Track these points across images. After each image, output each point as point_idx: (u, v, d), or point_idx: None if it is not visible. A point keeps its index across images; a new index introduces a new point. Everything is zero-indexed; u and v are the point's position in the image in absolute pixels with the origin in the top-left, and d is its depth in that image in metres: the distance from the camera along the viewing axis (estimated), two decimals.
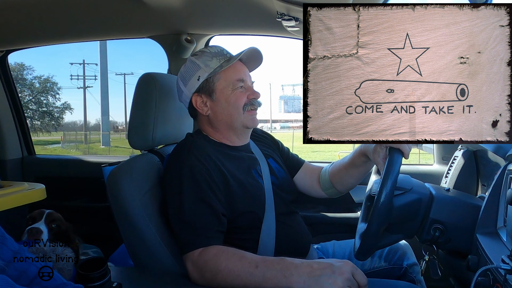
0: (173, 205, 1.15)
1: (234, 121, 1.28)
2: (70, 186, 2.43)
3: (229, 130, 1.30)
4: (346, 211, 1.96)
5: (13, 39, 2.19)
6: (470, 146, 1.48)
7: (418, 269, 1.39)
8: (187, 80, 1.29)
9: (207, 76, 1.26)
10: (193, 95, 1.29)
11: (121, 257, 1.85)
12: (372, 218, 1.03)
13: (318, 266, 0.97)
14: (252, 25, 1.85)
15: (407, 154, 1.09)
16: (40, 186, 1.86)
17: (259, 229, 1.21)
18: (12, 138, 2.50)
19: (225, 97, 1.26)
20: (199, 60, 1.27)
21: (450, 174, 1.52)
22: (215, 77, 1.27)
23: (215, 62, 1.27)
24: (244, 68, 1.31)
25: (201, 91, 1.28)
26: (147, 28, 1.98)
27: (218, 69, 1.26)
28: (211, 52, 1.29)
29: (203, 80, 1.26)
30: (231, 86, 1.26)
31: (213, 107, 1.28)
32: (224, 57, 1.29)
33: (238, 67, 1.29)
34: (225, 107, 1.27)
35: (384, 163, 1.08)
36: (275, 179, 1.33)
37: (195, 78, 1.27)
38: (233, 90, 1.26)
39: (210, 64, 1.26)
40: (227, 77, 1.27)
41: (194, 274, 1.07)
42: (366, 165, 1.32)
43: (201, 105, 1.29)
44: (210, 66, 1.26)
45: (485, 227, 1.06)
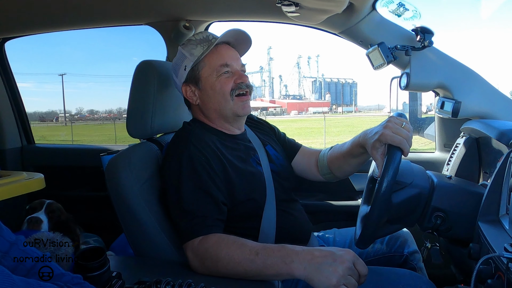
0: (172, 194, 1.15)
1: (223, 109, 1.26)
2: (69, 175, 2.43)
3: (220, 118, 1.29)
4: (347, 199, 1.96)
5: (10, 27, 2.16)
6: (472, 133, 1.47)
7: (419, 257, 1.39)
8: (176, 71, 1.29)
9: (192, 65, 1.25)
10: (182, 85, 1.28)
11: (122, 246, 1.86)
12: (373, 208, 1.02)
13: (320, 253, 0.97)
14: (252, 10, 1.82)
15: (406, 152, 1.06)
16: (39, 175, 1.86)
17: (259, 217, 1.21)
18: (11, 127, 2.50)
19: (210, 84, 1.25)
20: (185, 50, 1.27)
21: (452, 161, 1.52)
22: (199, 64, 1.25)
23: (199, 50, 1.25)
24: (230, 51, 1.28)
25: (189, 81, 1.27)
26: (145, 15, 1.95)
27: (201, 56, 1.24)
28: (196, 39, 1.27)
29: (189, 70, 1.25)
30: (215, 73, 1.24)
31: (201, 96, 1.27)
32: (209, 42, 1.26)
33: (222, 51, 1.26)
34: (211, 95, 1.26)
35: (383, 160, 1.06)
36: (274, 166, 1.33)
37: (182, 68, 1.27)
38: (218, 77, 1.24)
39: (194, 52, 1.25)
40: (210, 63, 1.25)
41: (194, 263, 1.07)
42: (364, 156, 1.29)
43: (191, 95, 1.29)
44: (194, 54, 1.25)
45: (487, 215, 1.05)
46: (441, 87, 1.62)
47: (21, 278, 0.59)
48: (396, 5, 1.52)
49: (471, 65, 1.55)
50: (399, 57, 1.57)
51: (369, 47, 1.61)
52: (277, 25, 1.63)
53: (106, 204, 1.34)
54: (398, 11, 1.53)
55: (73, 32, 2.31)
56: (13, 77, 2.52)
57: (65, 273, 0.71)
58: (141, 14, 1.95)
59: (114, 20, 2.05)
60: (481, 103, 1.57)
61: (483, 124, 1.36)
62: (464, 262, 1.19)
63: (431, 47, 1.55)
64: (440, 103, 1.63)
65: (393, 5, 1.52)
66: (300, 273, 0.96)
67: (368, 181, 1.25)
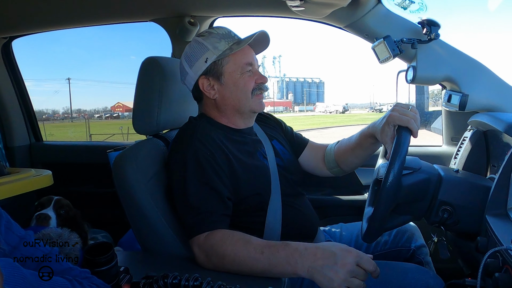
0: (178, 189, 1.15)
1: (242, 106, 1.26)
2: (77, 172, 2.45)
3: (236, 114, 1.29)
4: (354, 194, 1.96)
5: (16, 25, 2.18)
6: (480, 126, 1.45)
7: (426, 251, 1.39)
8: (193, 62, 1.26)
9: (216, 58, 1.23)
10: (199, 77, 1.26)
11: (130, 241, 1.88)
12: (380, 197, 1.02)
13: (322, 255, 0.97)
14: (257, 5, 1.82)
15: (415, 132, 1.09)
16: (47, 172, 1.87)
17: (265, 211, 1.21)
18: (19, 125, 2.52)
19: (234, 80, 1.24)
20: (207, 42, 1.24)
21: (460, 155, 1.50)
22: (223, 60, 1.24)
23: (224, 44, 1.24)
24: (252, 51, 1.29)
25: (209, 74, 1.25)
26: (150, 11, 1.95)
27: (228, 51, 1.23)
28: (219, 33, 1.26)
29: (211, 63, 1.24)
30: (239, 70, 1.24)
31: (221, 91, 1.26)
32: (232, 39, 1.26)
33: (247, 50, 1.27)
34: (233, 91, 1.25)
35: (392, 143, 1.08)
36: (280, 160, 1.33)
37: (202, 60, 1.24)
38: (241, 74, 1.24)
39: (218, 46, 1.23)
40: (236, 60, 1.24)
41: (201, 258, 1.07)
42: (373, 147, 1.33)
43: (208, 88, 1.26)
44: (218, 48, 1.23)
45: (494, 209, 1.04)
46: (448, 80, 1.60)
47: (30, 272, 0.60)
48: None
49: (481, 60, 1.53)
50: (405, 50, 1.55)
51: (374, 40, 1.59)
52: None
53: (114, 200, 1.35)
54: (404, 4, 1.52)
55: (72, 30, 2.31)
56: (21, 76, 2.54)
57: (74, 267, 0.72)
58: (146, 11, 1.95)
59: (120, 17, 2.06)
60: (488, 96, 1.55)
61: (490, 117, 1.35)
62: (471, 256, 1.18)
63: (438, 40, 1.53)
64: (447, 96, 1.62)
65: None
66: (304, 274, 0.97)
67: (372, 184, 1.24)
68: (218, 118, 1.30)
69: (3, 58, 2.43)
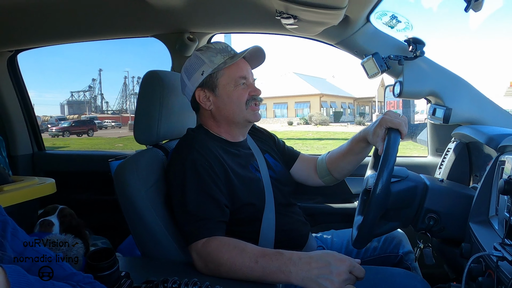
0: (177, 197, 1.15)
1: (236, 116, 1.27)
2: (79, 180, 2.43)
3: (231, 125, 1.30)
4: (344, 202, 1.96)
5: (22, 39, 2.18)
6: (463, 138, 1.47)
7: (413, 257, 1.40)
8: (191, 74, 1.28)
9: (211, 71, 1.25)
10: (196, 89, 1.28)
11: (129, 247, 1.86)
12: (370, 204, 1.03)
13: (316, 264, 0.97)
14: (253, 23, 1.84)
15: (404, 135, 1.15)
16: (50, 180, 1.87)
17: (259, 220, 1.21)
18: (22, 134, 2.51)
19: (227, 93, 1.26)
20: (204, 56, 1.26)
21: (444, 165, 1.52)
22: (218, 73, 1.26)
23: (219, 58, 1.25)
24: (246, 65, 1.30)
25: (204, 86, 1.27)
26: (151, 27, 1.96)
27: (222, 65, 1.25)
28: (216, 48, 1.28)
29: (206, 75, 1.25)
30: (233, 83, 1.26)
31: (216, 102, 1.27)
32: (228, 53, 1.28)
33: (241, 64, 1.28)
34: (227, 103, 1.26)
35: (383, 143, 1.12)
36: (273, 172, 1.34)
37: (199, 73, 1.26)
38: (235, 87, 1.26)
39: (214, 60, 1.25)
40: (230, 73, 1.26)
41: (198, 264, 1.07)
42: (364, 152, 1.36)
43: (204, 100, 1.28)
44: (214, 62, 1.25)
45: (477, 216, 1.06)
46: (433, 94, 1.63)
47: (36, 278, 0.59)
48: (389, 18, 1.54)
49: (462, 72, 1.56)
50: (393, 66, 1.58)
51: (363, 57, 1.62)
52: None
53: (114, 208, 1.35)
54: (391, 23, 1.55)
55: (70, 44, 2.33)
56: (25, 87, 2.53)
57: (77, 272, 0.72)
58: (147, 27, 1.97)
59: (123, 32, 2.07)
60: (470, 110, 1.58)
61: (473, 130, 1.37)
62: (456, 261, 1.19)
63: (423, 57, 1.56)
64: (432, 110, 1.64)
65: (386, 17, 1.54)
66: (298, 283, 0.97)
67: (362, 193, 1.25)
68: (214, 129, 1.31)
69: (8, 70, 2.42)
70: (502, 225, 0.94)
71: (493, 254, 0.79)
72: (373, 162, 1.34)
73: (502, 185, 0.84)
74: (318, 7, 1.24)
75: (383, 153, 1.06)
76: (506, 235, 0.84)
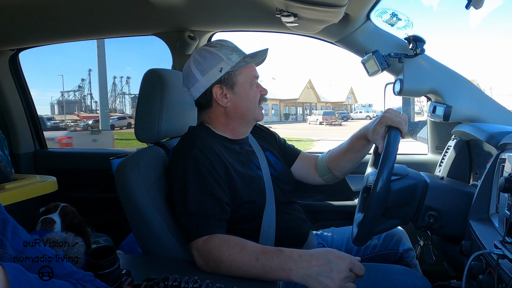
0: (178, 195, 1.15)
1: (250, 114, 1.29)
2: (80, 178, 2.43)
3: (242, 122, 1.30)
4: (344, 199, 1.96)
5: (24, 37, 2.17)
6: (463, 136, 1.47)
7: (414, 254, 1.39)
8: (206, 70, 1.24)
9: (229, 69, 1.24)
10: (213, 86, 1.25)
11: (130, 245, 1.86)
12: (370, 202, 1.02)
13: (317, 262, 0.96)
14: (253, 21, 1.83)
15: (404, 133, 1.14)
16: (51, 178, 1.86)
17: (260, 218, 1.21)
18: (25, 133, 2.51)
19: (245, 91, 1.26)
20: (221, 52, 1.24)
21: (444, 163, 1.52)
22: (236, 71, 1.25)
23: (236, 57, 1.25)
24: (255, 66, 1.32)
25: (223, 83, 1.25)
26: (152, 25, 1.96)
27: (243, 64, 1.24)
28: (229, 46, 1.27)
29: (225, 72, 1.24)
30: (249, 82, 1.27)
31: (233, 100, 1.26)
32: (242, 53, 1.28)
33: (253, 65, 1.30)
34: (244, 101, 1.27)
35: (383, 141, 1.12)
36: (273, 170, 1.33)
37: (217, 69, 1.23)
38: (251, 86, 1.27)
39: (232, 58, 1.24)
40: (247, 72, 1.27)
41: (199, 262, 1.07)
42: (364, 149, 1.36)
43: (221, 97, 1.26)
44: (232, 59, 1.24)
45: (478, 214, 1.05)
46: (433, 92, 1.62)
47: (35, 276, 0.59)
48: (390, 15, 1.53)
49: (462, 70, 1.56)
50: (393, 64, 1.57)
51: (364, 55, 1.61)
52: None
53: (115, 205, 1.35)
54: (391, 21, 1.54)
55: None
56: (27, 86, 2.53)
57: (78, 270, 0.71)
58: (148, 25, 1.96)
59: (123, 31, 2.06)
60: (470, 107, 1.57)
61: (473, 127, 1.36)
62: (456, 259, 1.19)
63: (423, 55, 1.55)
64: (432, 108, 1.63)
65: (386, 15, 1.53)
66: (299, 280, 0.97)
67: (362, 191, 1.25)
68: (219, 127, 1.30)
69: (10, 69, 2.42)
70: (502, 223, 0.94)
71: (494, 252, 0.78)
72: (373, 160, 1.33)
73: (503, 183, 0.83)
74: (319, 5, 1.24)
75: (383, 151, 1.06)
76: (506, 233, 0.84)
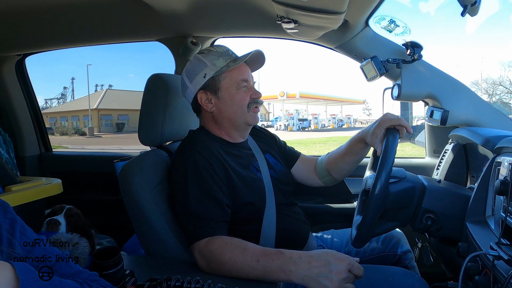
0: (180, 197, 1.15)
1: (238, 119, 1.27)
2: (84, 181, 2.44)
3: (232, 127, 1.30)
4: (344, 202, 1.96)
5: (30, 43, 2.19)
6: (460, 140, 1.47)
7: (412, 256, 1.39)
8: (192, 77, 1.27)
9: (213, 74, 1.25)
10: (198, 91, 1.28)
11: (133, 246, 1.86)
12: (368, 205, 1.03)
13: (316, 263, 0.97)
14: (254, 27, 1.84)
15: (403, 133, 1.16)
16: (56, 181, 1.88)
17: (260, 219, 1.21)
18: (30, 136, 2.52)
19: (230, 95, 1.26)
20: (206, 59, 1.26)
21: (441, 166, 1.52)
22: (220, 75, 1.25)
23: (221, 62, 1.25)
24: (247, 69, 1.31)
25: (207, 88, 1.26)
26: (155, 31, 1.97)
27: (225, 68, 1.25)
28: (218, 51, 1.28)
29: (209, 78, 1.25)
30: (235, 86, 1.26)
31: (218, 104, 1.27)
32: (230, 57, 1.28)
33: (243, 68, 1.28)
34: (229, 105, 1.26)
35: (382, 144, 1.13)
36: (273, 172, 1.34)
37: (201, 76, 1.25)
38: (237, 89, 1.26)
39: (216, 63, 1.25)
40: (232, 76, 1.26)
41: (201, 263, 1.07)
42: (362, 152, 1.36)
43: (206, 102, 1.28)
44: (216, 65, 1.25)
45: (474, 216, 1.05)
46: (430, 97, 1.63)
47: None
48: (388, 22, 1.54)
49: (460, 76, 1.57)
50: (391, 69, 1.58)
51: (363, 60, 1.62)
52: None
53: (119, 207, 1.35)
54: (389, 27, 1.56)
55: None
56: (33, 91, 2.55)
57: (83, 270, 0.72)
58: (152, 31, 1.97)
59: (127, 36, 2.08)
60: (467, 112, 1.58)
61: (469, 132, 1.37)
62: (453, 260, 1.19)
63: (421, 60, 1.57)
64: (430, 112, 1.64)
65: (384, 21, 1.54)
66: (299, 281, 0.97)
67: (361, 194, 1.25)
68: (215, 131, 1.31)
69: (17, 74, 2.44)
70: (498, 225, 0.94)
71: (490, 253, 0.79)
72: (372, 163, 1.34)
73: (498, 186, 0.84)
74: (318, 12, 1.25)
75: (381, 154, 1.07)
76: (502, 235, 0.84)
